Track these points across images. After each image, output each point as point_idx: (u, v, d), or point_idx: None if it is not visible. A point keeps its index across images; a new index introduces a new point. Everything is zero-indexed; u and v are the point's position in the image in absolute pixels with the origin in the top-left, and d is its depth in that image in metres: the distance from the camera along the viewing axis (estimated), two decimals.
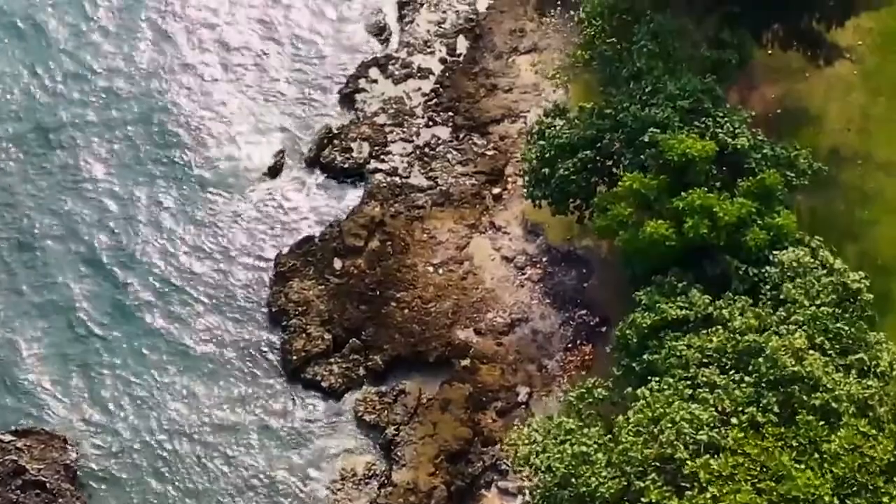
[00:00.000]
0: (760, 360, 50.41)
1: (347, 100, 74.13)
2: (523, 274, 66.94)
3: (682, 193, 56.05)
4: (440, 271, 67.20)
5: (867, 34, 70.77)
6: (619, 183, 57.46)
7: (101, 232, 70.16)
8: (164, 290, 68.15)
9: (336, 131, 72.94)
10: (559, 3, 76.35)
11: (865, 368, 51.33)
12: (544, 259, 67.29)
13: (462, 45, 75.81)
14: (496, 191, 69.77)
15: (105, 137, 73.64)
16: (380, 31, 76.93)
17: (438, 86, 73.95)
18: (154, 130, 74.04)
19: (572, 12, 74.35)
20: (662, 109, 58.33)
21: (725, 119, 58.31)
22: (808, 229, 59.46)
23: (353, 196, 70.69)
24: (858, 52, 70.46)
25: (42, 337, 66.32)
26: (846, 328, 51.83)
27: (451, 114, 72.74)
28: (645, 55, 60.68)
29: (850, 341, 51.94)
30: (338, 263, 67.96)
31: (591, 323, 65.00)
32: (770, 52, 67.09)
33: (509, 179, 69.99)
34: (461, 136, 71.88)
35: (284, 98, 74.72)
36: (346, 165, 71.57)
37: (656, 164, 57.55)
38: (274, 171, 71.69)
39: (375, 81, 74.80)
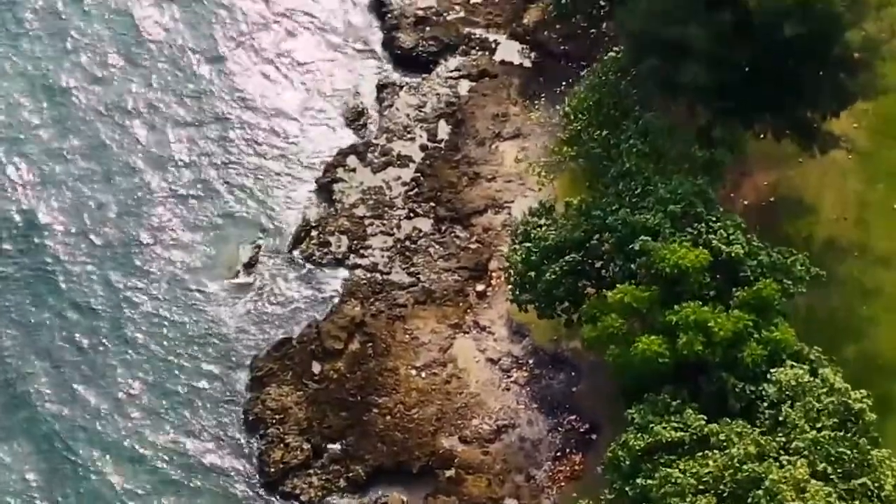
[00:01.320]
0: (760, 492, 48.36)
1: (325, 190, 72.08)
2: (509, 377, 64.89)
3: (676, 307, 53.87)
4: (423, 375, 65.11)
5: (863, 116, 69.04)
6: (610, 294, 55.30)
7: (63, 340, 67.24)
8: (134, 393, 65.24)
9: (314, 224, 70.94)
10: (542, 84, 73.74)
11: (869, 493, 49.22)
12: (531, 361, 65.25)
13: (443, 130, 73.85)
14: (480, 288, 67.69)
15: (76, 234, 70.45)
16: (357, 116, 74.97)
17: (419, 174, 71.89)
18: (122, 224, 71.21)
19: (557, 91, 71.99)
20: (653, 214, 56.42)
21: (719, 224, 56.39)
22: (805, 327, 57.88)
23: (332, 293, 68.54)
24: (854, 136, 68.48)
25: None
26: (849, 452, 49.72)
27: (432, 204, 70.71)
28: (634, 155, 58.81)
29: (853, 465, 49.84)
30: (317, 367, 65.92)
31: (581, 430, 63.07)
32: (763, 138, 64.89)
33: (493, 275, 67.94)
34: (443, 228, 69.83)
35: (259, 188, 72.45)
36: (325, 261, 69.53)
37: (648, 273, 55.49)
38: (249, 267, 69.47)
39: (354, 170, 72.73)
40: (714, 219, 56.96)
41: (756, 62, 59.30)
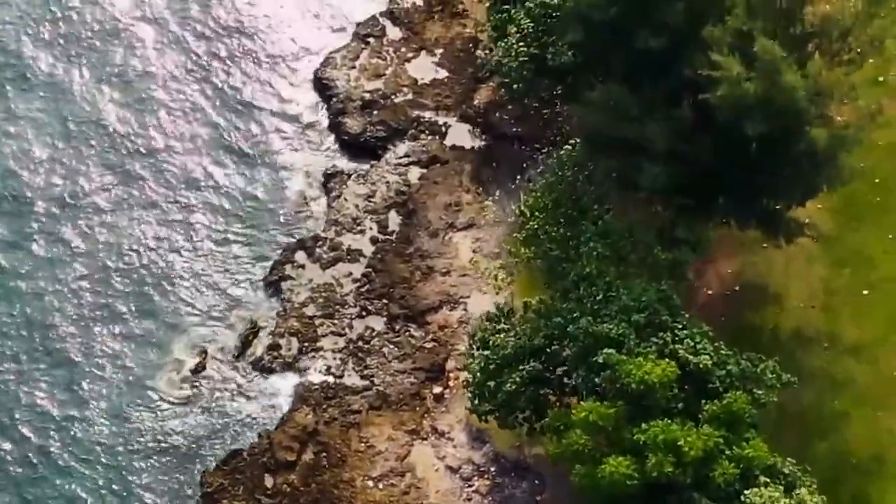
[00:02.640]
0: None
1: (273, 288, 69.84)
2: (470, 486, 62.72)
3: (643, 424, 51.83)
4: (380, 486, 62.83)
5: (826, 198, 67.08)
6: (574, 412, 53.21)
7: None
8: None
9: (262, 325, 68.25)
10: (496, 170, 71.73)
11: None
12: (492, 469, 63.21)
13: (394, 221, 71.67)
14: (437, 390, 65.53)
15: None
16: (305, 206, 72.45)
17: (370, 270, 69.65)
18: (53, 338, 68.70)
19: (510, 177, 69.97)
20: (616, 324, 54.33)
21: (685, 332, 54.47)
22: (775, 427, 56.76)
23: (284, 400, 66.25)
24: (818, 219, 66.74)
25: None
26: None
27: (385, 301, 68.43)
28: (595, 259, 56.59)
29: None
30: (269, 481, 63.70)
31: None
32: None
33: (451, 376, 65.78)
34: (397, 327, 67.55)
35: (205, 289, 69.88)
36: (274, 365, 67.20)
37: (613, 387, 53.35)
38: (196, 374, 66.76)
39: (302, 267, 70.53)
40: (680, 326, 55.02)
41: (717, 157, 57.19)
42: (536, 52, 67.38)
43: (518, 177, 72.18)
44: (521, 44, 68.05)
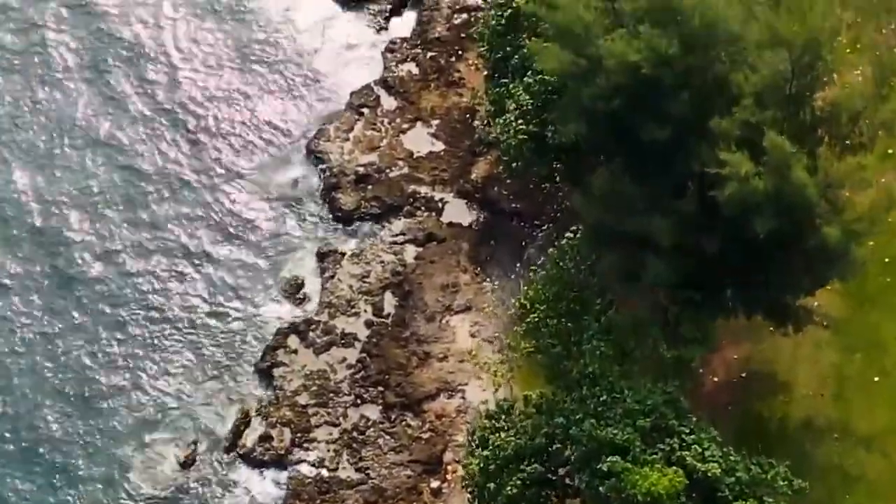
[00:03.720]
0: None
1: (265, 375, 68.01)
2: None
3: None
4: None
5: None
6: None
7: None
8: None
9: (253, 415, 66.31)
10: (494, 248, 69.97)
11: None
12: None
13: (389, 303, 69.85)
14: (435, 484, 63.85)
15: None
16: (297, 289, 70.61)
17: (365, 355, 67.88)
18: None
19: (509, 256, 68.30)
20: (622, 429, 52.49)
21: (692, 437, 52.56)
22: None
23: (275, 496, 64.13)
24: (827, 301, 64.85)
25: None
26: None
27: (380, 389, 66.75)
28: (598, 358, 54.80)
29: None
30: None
31: None
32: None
33: (449, 468, 63.84)
34: (393, 416, 65.88)
35: (192, 373, 67.78)
36: (266, 457, 65.32)
37: (618, 497, 51.51)
38: (185, 467, 64.86)
39: (295, 352, 68.62)
40: (687, 431, 53.25)
41: (724, 251, 55.46)
42: (536, 129, 65.54)
43: (517, 255, 70.02)
44: (520, 121, 66.35)
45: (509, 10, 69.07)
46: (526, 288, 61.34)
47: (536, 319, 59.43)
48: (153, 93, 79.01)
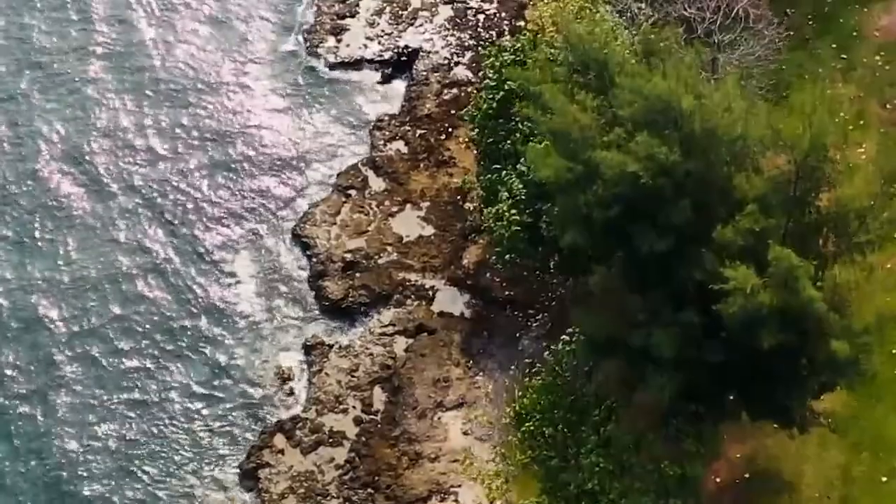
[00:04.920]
0: None
1: (250, 477, 66.08)
2: None
3: None
4: None
5: None
6: None
7: None
8: None
9: None
10: (487, 340, 68.13)
11: None
12: None
13: (379, 399, 68.11)
14: None
15: None
16: (283, 384, 68.60)
17: (354, 455, 66.09)
18: None
19: (503, 348, 66.63)
20: None
21: None
22: None
23: None
24: (832, 397, 62.99)
25: None
26: None
27: (370, 491, 65.02)
28: (597, 474, 52.97)
29: None
30: None
31: None
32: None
33: None
34: None
35: (172, 476, 66.14)
36: None
37: None
38: None
39: (282, 452, 66.83)
40: None
41: (729, 362, 53.77)
42: (530, 220, 63.86)
43: (511, 347, 68.26)
44: (513, 211, 64.67)
45: (501, 93, 67.31)
46: (521, 394, 59.33)
47: (532, 428, 57.53)
48: (131, 175, 76.88)
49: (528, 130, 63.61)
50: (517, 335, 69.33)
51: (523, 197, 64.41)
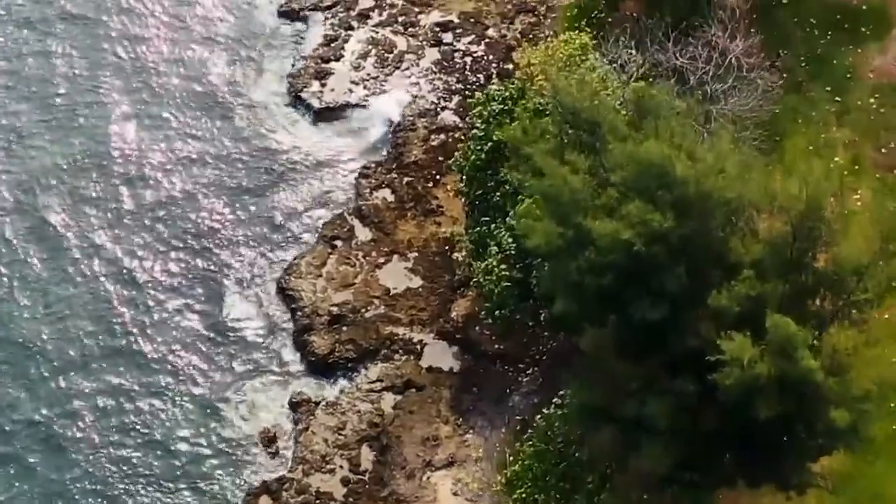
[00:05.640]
0: None
1: None
2: None
3: None
4: None
5: None
6: None
7: None
8: None
9: None
10: (477, 396, 67.03)
11: None
12: None
13: (367, 458, 67.12)
14: None
15: None
16: (270, 442, 67.51)
17: None
18: None
19: (493, 404, 65.56)
20: None
21: None
22: None
23: None
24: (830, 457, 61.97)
25: None
26: None
27: None
28: None
29: None
30: None
31: None
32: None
33: None
34: None
35: None
36: None
37: None
38: None
39: None
40: None
41: (725, 430, 52.74)
42: (520, 275, 62.79)
43: (502, 403, 67.33)
44: (502, 266, 63.62)
45: (489, 144, 66.26)
46: (512, 459, 58.16)
47: (524, 496, 56.41)
48: (100, 231, 75.36)
49: (517, 183, 62.35)
50: (507, 391, 68.33)
51: (513, 252, 63.20)
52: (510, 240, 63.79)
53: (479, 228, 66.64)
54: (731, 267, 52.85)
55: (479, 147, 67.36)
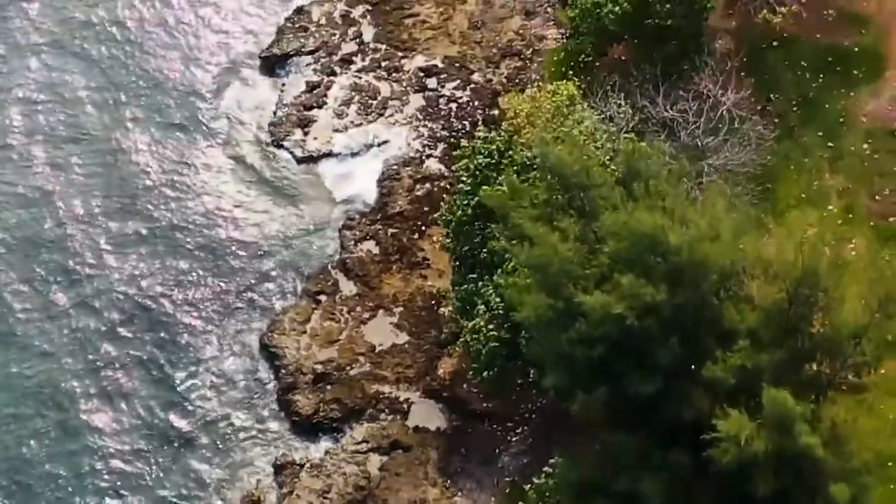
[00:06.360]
0: None
1: None
2: None
3: None
4: None
5: None
6: None
7: None
8: None
9: None
10: (465, 457, 65.76)
11: None
12: None
13: None
14: None
15: None
16: None
17: None
18: None
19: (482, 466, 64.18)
20: None
21: None
22: None
23: None
24: None
25: None
26: None
27: None
28: None
29: None
30: None
31: None
32: None
33: None
34: None
35: None
36: None
37: None
38: None
39: None
40: None
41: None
42: (508, 336, 61.54)
43: (491, 464, 66.29)
44: (490, 326, 62.31)
45: (475, 198, 64.98)
46: None
47: None
48: (82, 288, 74.01)
49: (504, 252, 61.11)
50: (497, 451, 67.24)
51: (501, 311, 61.95)
52: (498, 299, 62.42)
53: (466, 286, 65.40)
54: (726, 334, 51.67)
55: (465, 202, 66.16)
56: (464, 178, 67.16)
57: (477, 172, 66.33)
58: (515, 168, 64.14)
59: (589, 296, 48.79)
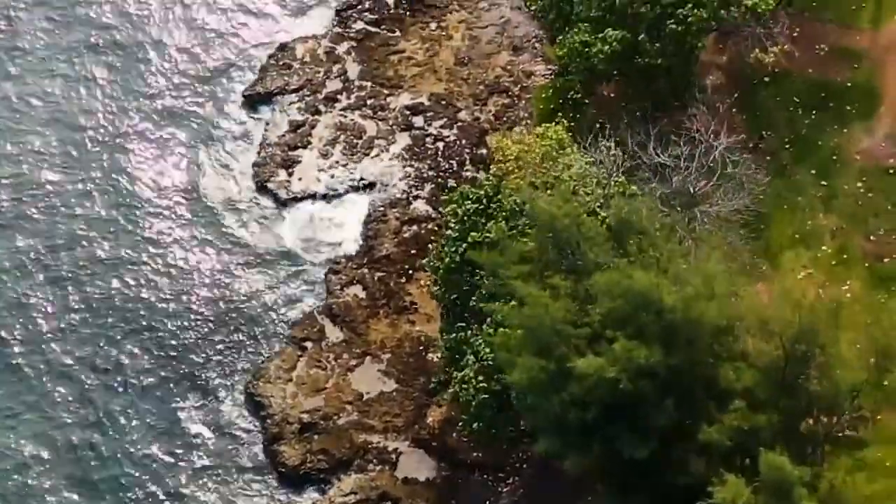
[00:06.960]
0: None
1: None
2: None
3: None
4: None
5: None
6: None
7: None
8: None
9: None
10: None
11: None
12: None
13: None
14: None
15: None
16: None
17: None
18: None
19: None
20: None
21: None
22: None
23: None
24: None
25: None
26: None
27: None
28: None
29: None
30: None
31: None
32: None
33: None
34: None
35: None
36: None
37: None
38: None
39: None
40: None
41: None
42: (498, 387, 60.59)
43: None
44: (480, 377, 61.36)
45: (464, 245, 63.98)
46: None
47: None
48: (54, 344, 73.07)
49: (493, 289, 60.27)
50: (488, 502, 65.83)
51: (490, 362, 61.04)
52: (487, 350, 61.50)
53: (454, 335, 64.45)
54: (722, 394, 50.87)
55: (453, 249, 65.15)
56: (451, 224, 66.25)
57: (465, 218, 65.42)
58: (504, 214, 63.26)
59: (582, 358, 47.80)
